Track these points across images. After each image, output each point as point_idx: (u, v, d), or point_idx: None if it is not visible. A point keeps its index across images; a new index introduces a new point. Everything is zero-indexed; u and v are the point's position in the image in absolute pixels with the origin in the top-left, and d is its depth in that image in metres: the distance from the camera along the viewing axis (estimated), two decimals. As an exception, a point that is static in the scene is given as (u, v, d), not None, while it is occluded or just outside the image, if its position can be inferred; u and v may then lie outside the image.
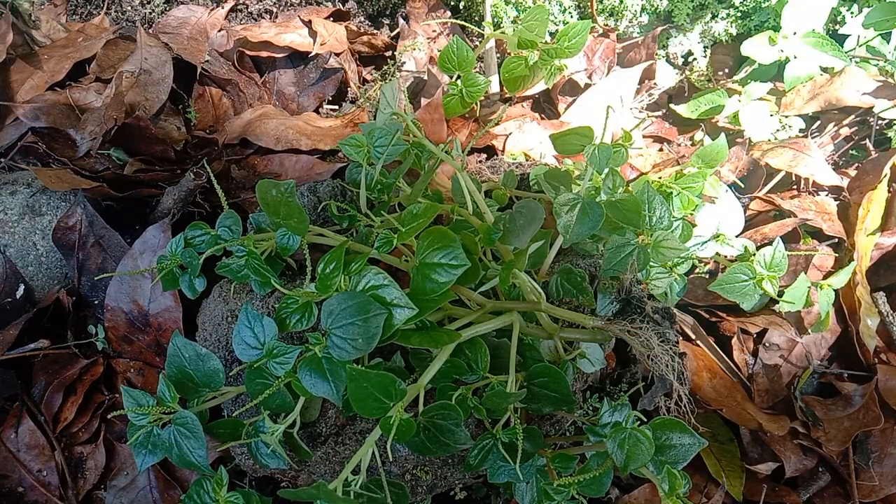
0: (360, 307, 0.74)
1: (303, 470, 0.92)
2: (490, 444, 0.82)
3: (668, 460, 0.74)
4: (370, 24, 1.54)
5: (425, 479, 0.92)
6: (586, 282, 0.91)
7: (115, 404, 1.05)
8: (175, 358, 0.85)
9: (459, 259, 0.75)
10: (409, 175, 1.05)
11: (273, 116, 1.31)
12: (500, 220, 0.87)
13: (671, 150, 1.33)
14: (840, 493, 1.04)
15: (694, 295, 1.14)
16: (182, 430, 0.82)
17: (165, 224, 1.06)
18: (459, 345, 0.81)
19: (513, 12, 1.45)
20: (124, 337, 1.07)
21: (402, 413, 0.73)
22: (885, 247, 1.14)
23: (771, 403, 1.08)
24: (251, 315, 0.83)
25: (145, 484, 1.01)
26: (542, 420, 0.96)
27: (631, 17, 1.48)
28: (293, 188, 0.85)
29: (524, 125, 1.31)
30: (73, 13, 1.50)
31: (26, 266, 1.09)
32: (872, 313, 1.09)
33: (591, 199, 0.85)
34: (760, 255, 1.02)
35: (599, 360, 0.92)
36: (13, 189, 1.12)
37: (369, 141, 0.95)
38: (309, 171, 1.24)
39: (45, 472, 1.01)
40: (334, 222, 0.99)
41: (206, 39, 1.40)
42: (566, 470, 0.81)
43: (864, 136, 1.32)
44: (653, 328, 0.75)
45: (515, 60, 1.25)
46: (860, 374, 1.09)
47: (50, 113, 1.22)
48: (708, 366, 1.08)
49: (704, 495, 1.01)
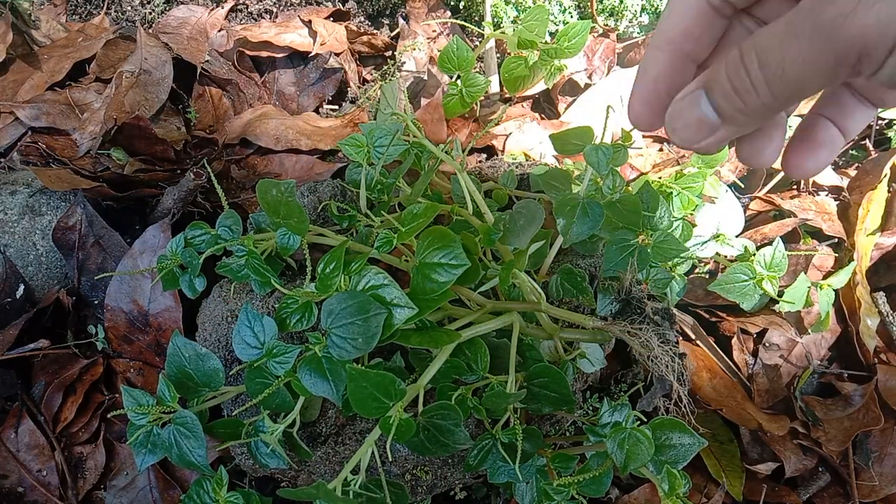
0: (360, 307, 0.74)
1: (303, 470, 0.92)
2: (490, 444, 0.82)
3: (668, 460, 0.74)
4: (370, 24, 1.54)
5: (425, 479, 0.92)
6: (586, 282, 0.91)
7: (115, 404, 1.05)
8: (175, 357, 0.85)
9: (459, 259, 0.75)
10: (409, 175, 1.05)
11: (273, 116, 1.31)
12: (500, 221, 0.86)
13: (671, 150, 1.33)
14: (840, 493, 1.04)
15: (694, 295, 1.14)
16: (182, 430, 0.82)
17: (165, 224, 1.06)
18: (459, 345, 0.81)
19: (513, 12, 1.45)
20: (124, 337, 1.07)
21: (401, 413, 0.73)
22: (885, 247, 1.14)
23: (771, 403, 1.08)
24: (251, 315, 0.83)
25: (145, 484, 1.01)
26: (542, 420, 0.96)
27: (631, 17, 1.48)
28: (293, 188, 0.85)
29: (524, 125, 1.31)
30: (73, 13, 1.50)
31: (26, 266, 1.09)
32: (872, 313, 1.09)
33: (591, 199, 0.85)
34: (760, 255, 1.03)
35: (599, 360, 0.92)
36: (13, 189, 1.12)
37: (369, 141, 0.95)
38: (309, 171, 1.24)
39: (45, 472, 1.01)
40: (334, 222, 0.99)
41: (206, 39, 1.40)
42: (566, 470, 0.81)
43: (864, 136, 1.32)
44: (653, 328, 0.75)
45: (515, 60, 1.25)
46: (860, 374, 1.09)
47: (50, 113, 1.23)
48: (708, 366, 1.08)
49: (704, 495, 1.01)
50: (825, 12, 0.32)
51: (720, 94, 0.39)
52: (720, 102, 0.40)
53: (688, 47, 0.45)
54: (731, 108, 0.39)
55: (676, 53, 0.45)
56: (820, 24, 0.32)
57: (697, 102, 0.41)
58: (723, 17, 0.45)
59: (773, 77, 0.36)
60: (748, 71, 0.37)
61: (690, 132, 0.42)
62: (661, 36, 0.45)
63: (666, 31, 0.45)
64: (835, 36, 0.32)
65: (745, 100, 0.38)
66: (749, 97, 0.38)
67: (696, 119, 0.41)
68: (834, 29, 0.32)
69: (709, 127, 0.41)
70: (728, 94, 0.39)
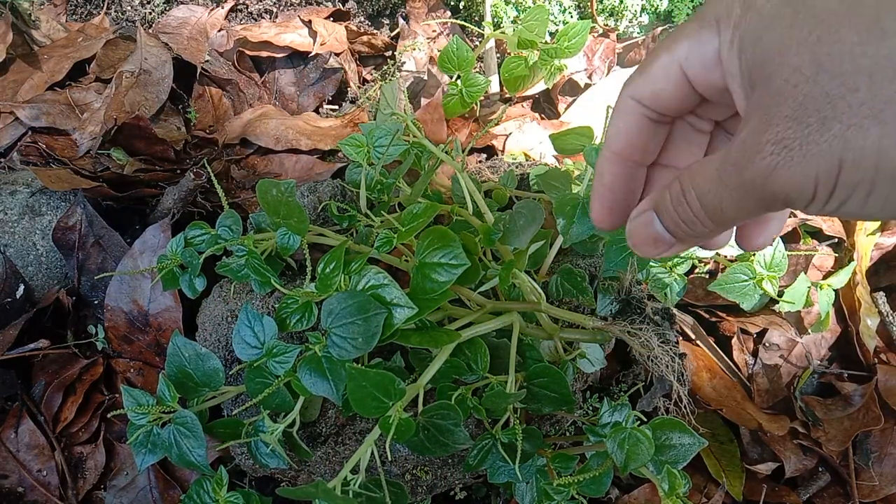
0: (360, 306, 0.74)
1: (303, 470, 0.92)
2: (490, 444, 0.82)
3: (668, 460, 0.74)
4: (370, 24, 1.54)
5: (425, 479, 0.92)
6: (586, 282, 0.91)
7: (115, 404, 1.05)
8: (175, 357, 0.85)
9: (459, 259, 0.75)
10: (409, 175, 1.05)
11: (273, 116, 1.31)
12: (500, 221, 0.87)
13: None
14: (840, 493, 1.04)
15: (694, 295, 1.14)
16: (182, 430, 0.82)
17: (165, 224, 1.06)
18: (459, 345, 0.81)
19: (513, 12, 1.45)
20: (124, 337, 1.07)
21: (401, 413, 0.73)
22: (885, 247, 1.14)
23: (771, 403, 1.08)
24: (251, 314, 0.83)
25: (145, 484, 1.01)
26: (542, 420, 0.96)
27: (631, 17, 1.48)
28: (293, 188, 0.85)
29: (524, 125, 1.31)
30: (73, 13, 1.50)
31: (26, 266, 1.09)
32: (872, 313, 1.09)
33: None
34: (760, 255, 1.02)
35: (599, 361, 0.92)
36: (13, 189, 1.12)
37: (369, 141, 0.95)
38: (309, 171, 1.24)
39: (45, 472, 1.01)
40: (334, 222, 0.99)
41: (206, 39, 1.40)
42: (566, 470, 0.81)
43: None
44: (653, 329, 0.75)
45: (515, 60, 1.25)
46: (860, 374, 1.09)
47: (50, 113, 1.23)
48: (708, 366, 1.08)
49: (704, 495, 1.01)
50: (747, 170, 0.36)
51: (668, 220, 0.44)
52: (670, 226, 0.44)
53: (635, 156, 0.47)
54: (679, 231, 0.43)
55: (625, 163, 0.48)
56: (745, 182, 0.37)
57: (651, 223, 0.45)
58: (664, 125, 0.47)
59: (713, 212, 0.40)
60: (690, 206, 0.41)
61: (649, 247, 0.46)
62: (609, 148, 0.48)
63: (612, 145, 0.47)
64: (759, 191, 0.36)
65: (690, 227, 0.42)
66: (695, 225, 0.42)
67: (651, 237, 0.45)
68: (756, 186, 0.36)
69: (665, 243, 0.45)
70: (676, 222, 0.43)
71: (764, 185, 0.36)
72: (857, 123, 0.32)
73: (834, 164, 0.33)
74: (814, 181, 0.34)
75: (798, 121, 0.34)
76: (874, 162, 0.32)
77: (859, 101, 0.32)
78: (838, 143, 0.33)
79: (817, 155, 0.33)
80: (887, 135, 0.32)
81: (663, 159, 0.50)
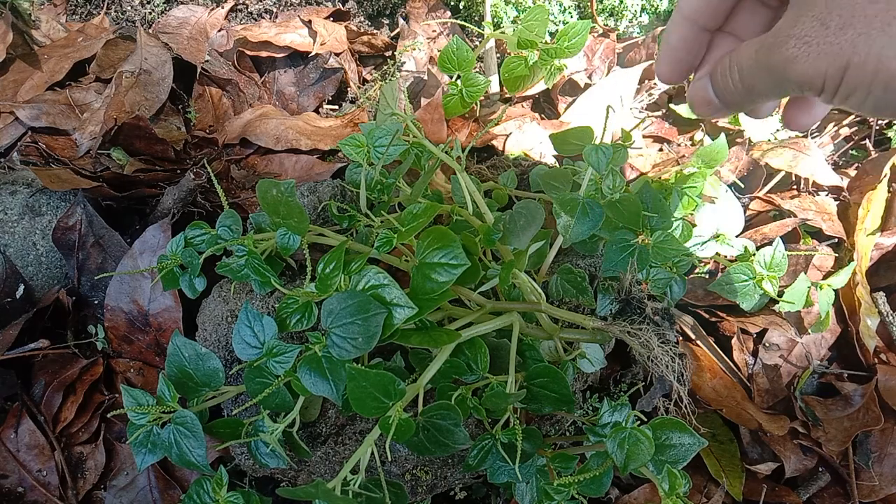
0: (360, 306, 0.74)
1: (302, 470, 0.92)
2: (489, 444, 0.82)
3: (668, 460, 0.74)
4: (370, 24, 1.54)
5: (425, 479, 0.92)
6: (586, 282, 0.91)
7: (115, 404, 1.05)
8: (175, 357, 0.85)
9: (459, 259, 0.75)
10: (409, 175, 1.05)
11: (273, 116, 1.31)
12: (500, 221, 0.87)
13: (671, 150, 1.33)
14: (840, 493, 1.04)
15: (694, 295, 1.14)
16: (182, 430, 0.82)
17: (165, 224, 1.06)
18: (459, 345, 0.81)
19: (513, 12, 1.45)
20: (124, 337, 1.07)
21: (401, 413, 0.73)
22: (885, 247, 1.14)
23: (771, 403, 1.08)
24: (251, 314, 0.83)
25: (145, 484, 1.01)
26: (542, 420, 0.96)
27: (631, 17, 1.48)
28: (293, 188, 0.85)
29: (524, 125, 1.31)
30: (73, 13, 1.50)
31: (26, 266, 1.09)
32: (872, 313, 1.09)
33: (591, 198, 0.85)
34: (760, 255, 1.02)
35: (599, 361, 0.92)
36: (13, 189, 1.12)
37: (369, 141, 0.95)
38: (309, 171, 1.24)
39: (45, 472, 1.01)
40: (334, 222, 0.99)
41: (206, 39, 1.40)
42: (566, 470, 0.81)
43: (864, 136, 1.32)
44: (653, 329, 0.75)
45: (515, 60, 1.25)
46: (860, 374, 1.09)
47: (50, 113, 1.23)
48: (708, 366, 1.08)
49: (704, 495, 1.01)
50: (773, 56, 0.44)
51: (718, 87, 0.54)
52: (718, 92, 0.54)
53: (703, 20, 0.55)
54: (725, 98, 0.54)
55: (693, 26, 0.56)
56: (770, 65, 0.45)
57: (706, 87, 0.55)
58: None
59: (748, 86, 0.50)
60: (731, 78, 0.52)
61: (704, 108, 0.57)
62: (679, 12, 0.56)
63: (683, 8, 0.55)
64: (780, 75, 0.45)
65: (733, 94, 0.53)
66: (735, 95, 0.52)
67: (706, 99, 0.56)
68: (778, 71, 0.44)
69: (715, 105, 0.56)
70: (722, 90, 0.54)
71: (784, 72, 0.43)
72: (867, 32, 0.37)
73: (842, 65, 0.39)
74: (822, 77, 0.40)
75: (822, 22, 0.39)
76: (873, 68, 0.38)
77: (875, 12, 0.37)
78: (849, 47, 0.38)
79: (829, 55, 0.39)
80: (888, 45, 0.37)
81: (728, 27, 0.57)
